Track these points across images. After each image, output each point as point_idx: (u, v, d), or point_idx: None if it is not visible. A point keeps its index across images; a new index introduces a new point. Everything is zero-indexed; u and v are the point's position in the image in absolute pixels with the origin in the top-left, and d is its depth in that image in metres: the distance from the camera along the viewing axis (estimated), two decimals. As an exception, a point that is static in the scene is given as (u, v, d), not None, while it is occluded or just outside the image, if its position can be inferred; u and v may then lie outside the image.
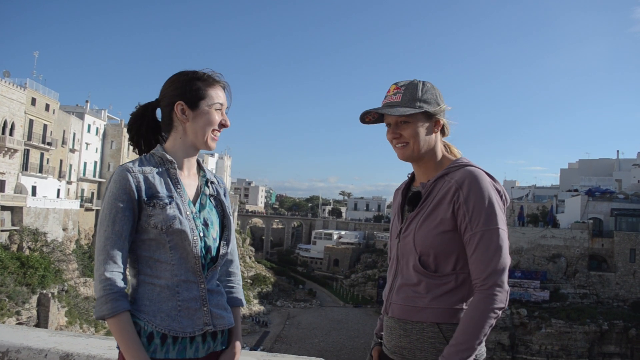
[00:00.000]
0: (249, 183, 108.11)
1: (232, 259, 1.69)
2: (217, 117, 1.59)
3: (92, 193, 45.17)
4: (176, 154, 1.58)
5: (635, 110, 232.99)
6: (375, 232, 71.35)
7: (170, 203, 1.50)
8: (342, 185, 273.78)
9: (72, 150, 41.75)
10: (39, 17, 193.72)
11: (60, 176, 40.08)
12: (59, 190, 39.95)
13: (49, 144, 37.36)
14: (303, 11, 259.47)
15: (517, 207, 46.11)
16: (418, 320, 1.53)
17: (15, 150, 33.61)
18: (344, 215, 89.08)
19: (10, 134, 33.02)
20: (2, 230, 30.63)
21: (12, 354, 2.17)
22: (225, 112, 1.63)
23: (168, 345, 1.45)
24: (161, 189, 1.51)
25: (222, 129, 1.63)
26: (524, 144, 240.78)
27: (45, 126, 37.22)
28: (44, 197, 35.40)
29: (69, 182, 41.83)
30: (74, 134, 42.10)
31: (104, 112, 47.20)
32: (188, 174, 1.61)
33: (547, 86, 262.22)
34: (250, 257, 63.97)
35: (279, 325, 47.05)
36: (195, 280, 1.51)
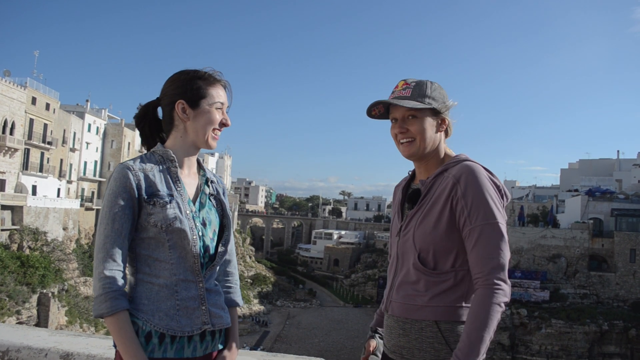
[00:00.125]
0: (249, 183, 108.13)
1: (230, 259, 1.69)
2: (218, 116, 1.59)
3: (93, 192, 45.19)
4: (177, 152, 1.58)
5: (635, 110, 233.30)
6: (375, 232, 71.36)
7: (170, 202, 1.49)
8: (342, 185, 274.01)
9: (72, 150, 41.77)
10: (39, 17, 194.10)
11: (60, 175, 40.10)
12: (59, 190, 39.96)
13: (49, 143, 37.37)
14: (303, 11, 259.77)
15: (518, 207, 46.09)
16: (417, 319, 1.53)
17: (16, 150, 33.62)
18: (344, 215, 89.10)
19: (11, 133, 33.03)
20: (2, 230, 30.64)
21: (12, 354, 2.17)
22: (226, 111, 1.63)
23: (166, 345, 1.45)
24: (161, 187, 1.50)
25: (223, 128, 1.63)
26: (524, 144, 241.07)
27: (45, 125, 37.23)
28: (44, 197, 35.42)
29: (69, 182, 41.85)
30: (74, 134, 42.12)
31: (104, 111, 47.22)
32: (188, 173, 1.61)
33: (547, 86, 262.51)
34: (250, 257, 63.99)
35: (279, 325, 47.06)
36: (194, 279, 1.50)
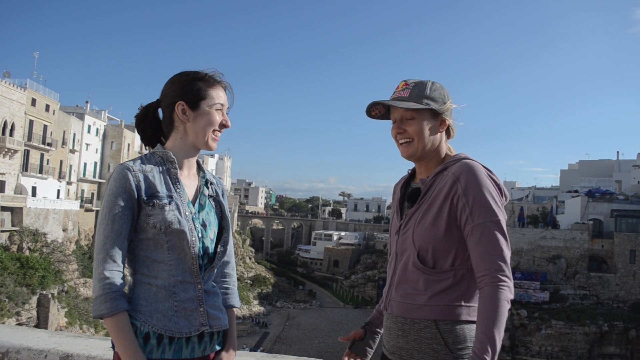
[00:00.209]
0: (249, 184, 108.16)
1: (229, 261, 1.69)
2: (218, 117, 1.59)
3: (92, 194, 45.19)
4: (176, 154, 1.58)
5: (635, 111, 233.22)
6: (375, 233, 71.36)
7: (169, 203, 1.49)
8: (342, 185, 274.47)
9: (72, 151, 41.78)
10: (39, 17, 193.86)
11: (60, 177, 40.10)
12: (59, 191, 39.96)
13: (49, 144, 37.38)
14: (303, 11, 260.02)
15: (517, 208, 46.14)
16: (416, 318, 1.53)
17: (16, 151, 33.62)
18: (344, 216, 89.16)
19: (11, 134, 33.05)
20: (2, 231, 30.64)
21: (12, 355, 2.17)
22: (226, 113, 1.64)
23: (164, 346, 1.45)
24: (161, 188, 1.50)
25: (223, 130, 1.63)
26: (524, 144, 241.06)
27: (45, 127, 37.25)
28: (44, 198, 35.41)
29: (69, 183, 41.86)
30: (74, 135, 42.13)
31: (104, 112, 47.25)
32: (188, 174, 1.61)
33: (547, 86, 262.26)
34: (250, 258, 63.98)
35: (279, 326, 47.05)
36: (192, 280, 1.50)
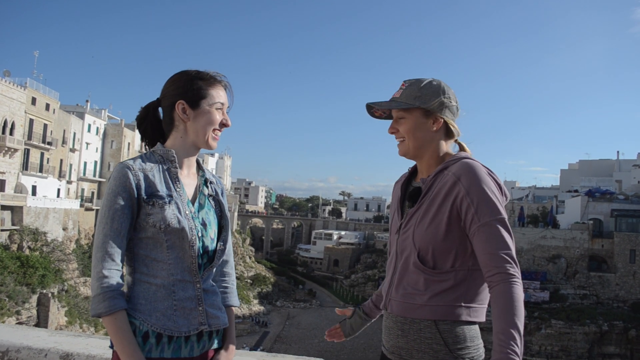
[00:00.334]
0: (249, 183, 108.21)
1: (228, 260, 1.69)
2: (218, 116, 1.59)
3: (92, 193, 45.22)
4: (177, 153, 1.58)
5: (635, 111, 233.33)
6: (375, 232, 71.40)
7: (169, 202, 1.49)
8: (342, 185, 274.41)
9: (72, 150, 41.80)
10: (39, 17, 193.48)
11: (60, 176, 40.12)
12: (59, 190, 39.98)
13: (49, 143, 37.39)
14: (303, 11, 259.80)
15: (517, 207, 46.15)
16: (416, 318, 1.53)
17: (16, 150, 33.64)
18: (344, 215, 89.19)
19: (11, 133, 33.06)
20: (2, 230, 30.66)
21: (12, 354, 2.17)
22: (227, 112, 1.64)
23: (163, 345, 1.45)
24: (161, 187, 1.50)
25: (223, 129, 1.63)
26: (524, 144, 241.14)
27: (45, 126, 37.26)
28: (44, 197, 35.43)
29: (69, 182, 41.88)
30: (74, 134, 42.15)
31: (104, 111, 47.26)
32: (187, 173, 1.61)
33: (547, 86, 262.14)
34: (250, 257, 64.00)
35: (279, 325, 47.07)
36: (191, 280, 1.50)
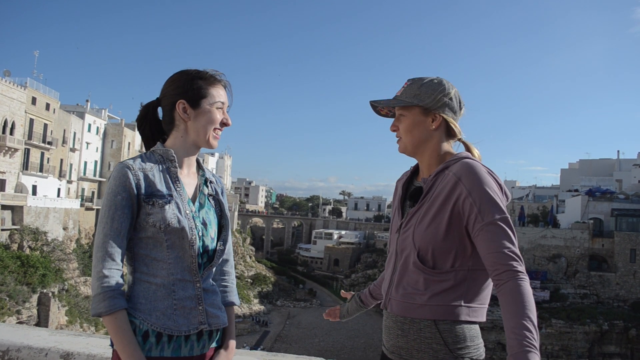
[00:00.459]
0: (250, 183, 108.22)
1: (228, 259, 1.70)
2: (219, 115, 1.59)
3: (93, 192, 45.23)
4: (177, 152, 1.58)
5: (635, 110, 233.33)
6: (375, 231, 71.40)
7: (169, 202, 1.49)
8: (342, 185, 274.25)
9: (72, 150, 41.80)
10: (39, 17, 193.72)
11: (60, 175, 40.13)
12: (59, 190, 39.99)
13: (49, 143, 37.40)
14: (303, 11, 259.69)
15: (518, 207, 46.13)
16: (416, 317, 1.53)
17: (16, 150, 33.64)
18: (344, 215, 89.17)
19: (11, 133, 33.06)
20: (2, 230, 30.67)
21: (13, 353, 2.17)
22: (227, 111, 1.64)
23: (163, 344, 1.45)
24: (161, 187, 1.50)
25: (224, 128, 1.63)
26: (524, 144, 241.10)
27: (45, 125, 37.26)
28: (45, 197, 35.44)
29: (69, 182, 41.88)
30: (75, 134, 42.15)
31: (105, 111, 47.26)
32: (187, 173, 1.61)
33: (547, 86, 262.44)
34: (250, 257, 64.02)
35: (279, 324, 47.07)
36: (191, 279, 1.50)
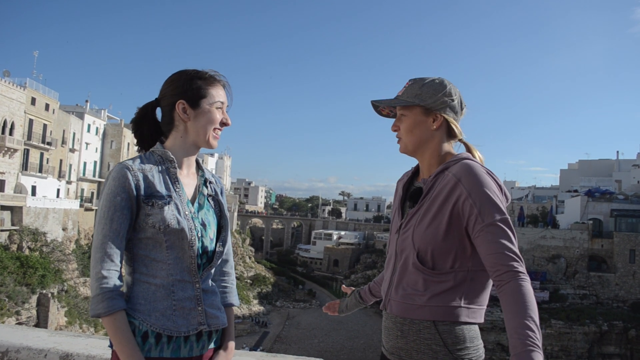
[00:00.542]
0: (249, 183, 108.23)
1: (227, 259, 1.69)
2: (219, 115, 1.59)
3: (92, 193, 45.21)
4: (176, 153, 1.58)
5: (635, 111, 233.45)
6: (375, 232, 71.36)
7: (168, 203, 1.49)
8: (341, 185, 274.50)
9: (71, 150, 41.79)
10: (39, 17, 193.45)
11: (60, 176, 40.11)
12: (58, 190, 39.97)
13: (48, 143, 37.38)
14: (303, 11, 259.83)
15: (517, 207, 46.13)
16: (416, 318, 1.53)
17: (15, 150, 33.63)
18: (343, 215, 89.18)
19: (10, 133, 33.05)
20: (1, 230, 30.65)
21: (12, 354, 2.17)
22: (226, 111, 1.64)
23: (162, 344, 1.45)
24: (160, 187, 1.50)
25: (224, 128, 1.63)
26: (524, 144, 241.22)
27: (45, 126, 37.25)
28: (44, 197, 35.43)
29: (68, 182, 41.87)
30: (74, 134, 42.14)
31: (104, 111, 47.26)
32: (187, 173, 1.61)
33: (547, 86, 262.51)
34: (249, 257, 64.00)
35: (279, 325, 47.06)
36: (191, 280, 1.50)
